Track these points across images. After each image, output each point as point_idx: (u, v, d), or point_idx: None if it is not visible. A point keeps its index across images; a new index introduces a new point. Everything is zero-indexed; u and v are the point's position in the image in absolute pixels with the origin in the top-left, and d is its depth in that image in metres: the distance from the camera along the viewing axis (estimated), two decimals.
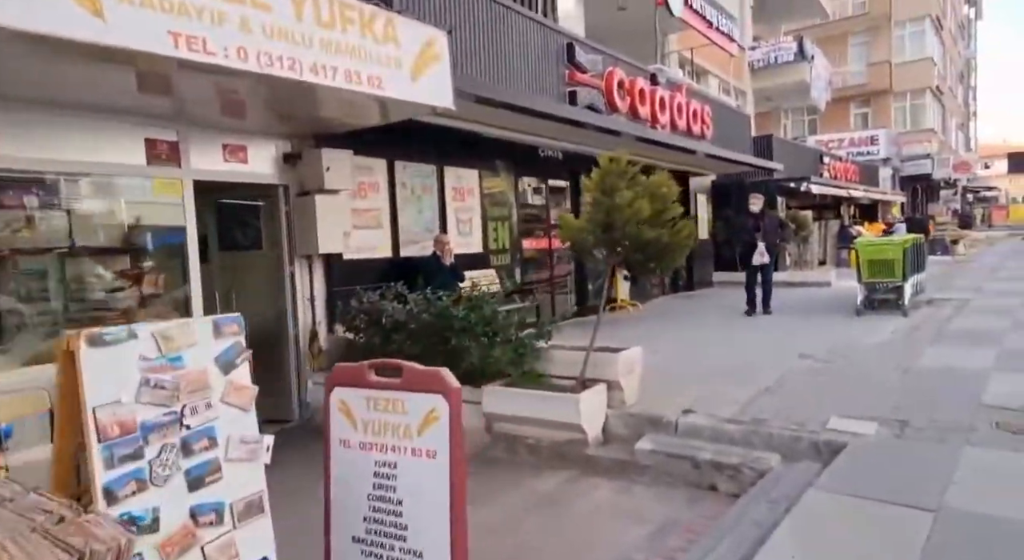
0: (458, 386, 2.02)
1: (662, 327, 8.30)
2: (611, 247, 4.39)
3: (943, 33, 31.86)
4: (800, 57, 19.15)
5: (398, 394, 1.99)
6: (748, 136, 14.57)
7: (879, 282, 8.82)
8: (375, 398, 2.02)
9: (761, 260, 8.43)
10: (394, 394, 1.99)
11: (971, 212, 36.60)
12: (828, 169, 20.25)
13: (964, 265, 14.90)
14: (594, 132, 8.13)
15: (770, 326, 7.94)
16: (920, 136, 28.99)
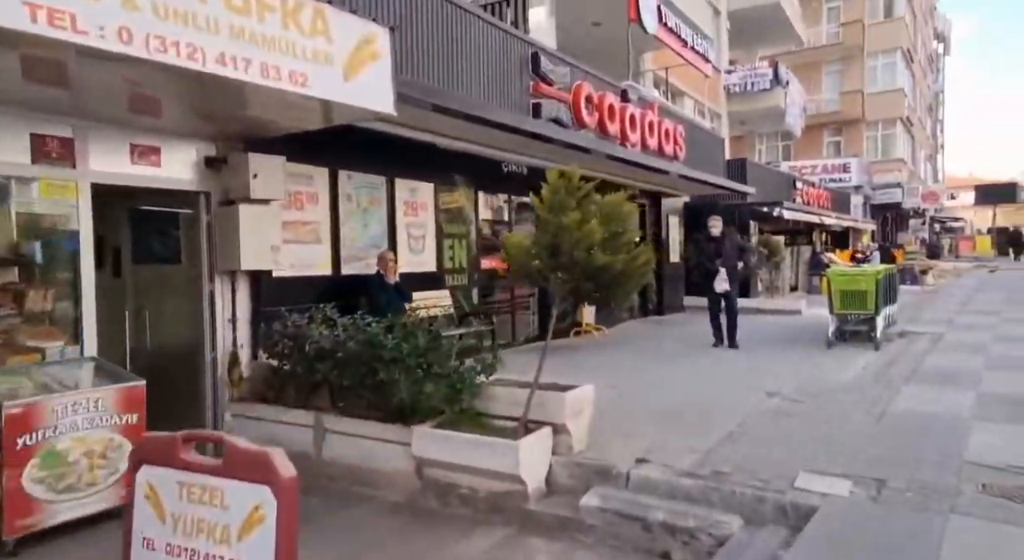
0: (292, 475, 1.50)
1: (624, 356, 7.85)
2: (558, 274, 3.90)
3: (913, 66, 32.51)
4: (775, 83, 19.15)
5: (217, 481, 1.46)
6: (721, 158, 14.36)
7: (851, 313, 8.52)
8: (188, 484, 1.49)
9: (722, 287, 8.01)
10: (212, 480, 1.47)
11: (939, 242, 37.19)
12: (801, 195, 20.22)
13: (933, 296, 14.79)
14: (562, 148, 7.71)
15: (737, 358, 7.53)
16: (890, 165, 29.37)
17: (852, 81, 28.93)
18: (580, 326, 9.95)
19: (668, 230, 13.50)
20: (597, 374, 6.60)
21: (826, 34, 29.08)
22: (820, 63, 29.43)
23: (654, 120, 10.14)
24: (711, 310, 8.25)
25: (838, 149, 29.65)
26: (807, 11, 28.42)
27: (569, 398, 4.00)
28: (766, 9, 19.76)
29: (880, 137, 29.62)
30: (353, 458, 4.32)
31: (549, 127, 7.10)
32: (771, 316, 12.38)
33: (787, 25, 21.28)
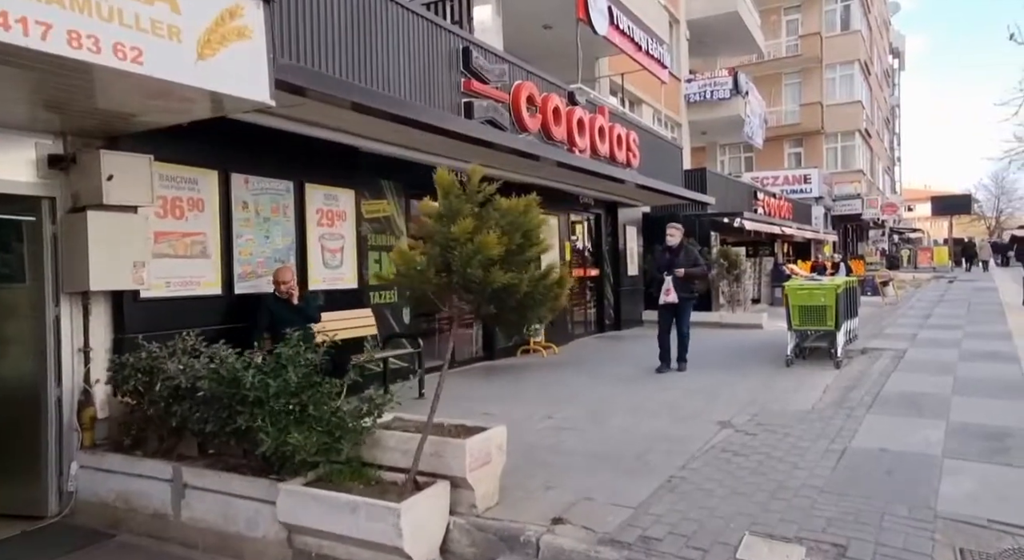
0: None
1: (569, 379, 7.19)
2: (453, 294, 3.22)
3: (870, 78, 32.95)
4: (735, 92, 18.91)
5: None
6: (679, 167, 13.92)
7: (810, 330, 8.02)
8: None
9: (666, 299, 7.38)
10: None
11: (898, 253, 37.65)
12: (763, 205, 19.98)
13: (894, 308, 14.52)
14: (505, 153, 7.08)
15: (691, 381, 6.93)
16: (850, 177, 29.56)
17: (811, 93, 29.10)
18: (528, 344, 9.27)
19: (625, 241, 12.96)
20: (535, 402, 5.94)
21: (785, 46, 29.25)
22: (780, 75, 29.57)
23: (605, 125, 9.59)
24: (659, 326, 7.63)
25: (799, 160, 29.76)
26: (766, 23, 28.55)
27: (472, 445, 3.29)
28: (725, 18, 19.58)
29: (840, 149, 29.83)
30: (217, 520, 3.54)
31: (480, 128, 6.43)
32: (731, 330, 11.90)
33: (746, 34, 21.16)
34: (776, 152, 29.78)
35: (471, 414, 5.56)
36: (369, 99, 5.20)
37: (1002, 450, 4.05)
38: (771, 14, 28.89)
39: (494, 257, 2.91)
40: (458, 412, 5.81)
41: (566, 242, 10.80)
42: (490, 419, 5.29)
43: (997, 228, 52.54)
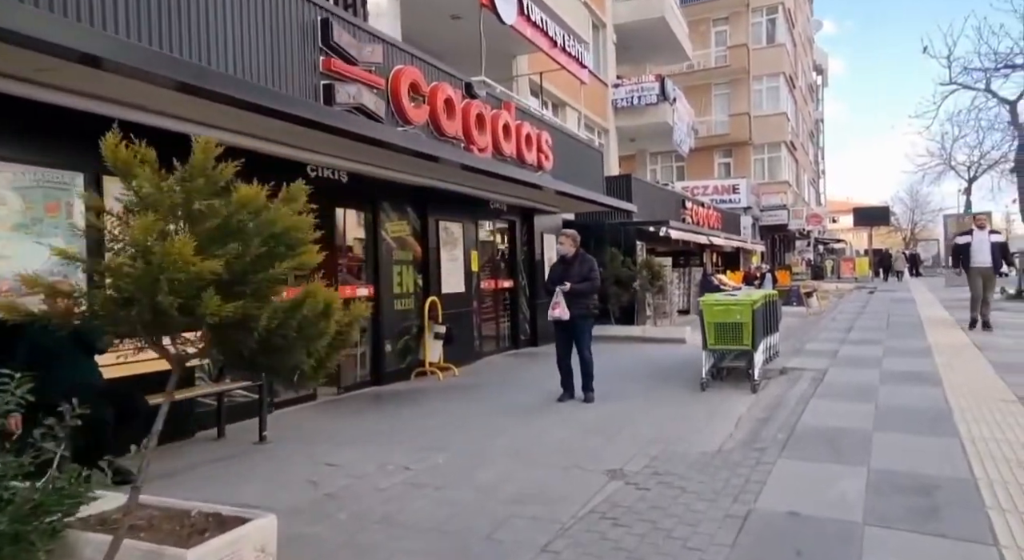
0: None
1: (455, 412, 6.19)
2: (166, 328, 2.16)
3: (795, 92, 33.68)
4: (662, 97, 18.53)
5: None
6: (600, 172, 13.23)
7: (726, 349, 7.33)
8: None
9: (553, 314, 6.51)
10: None
11: (822, 263, 38.63)
12: (691, 214, 19.65)
13: (818, 320, 14.25)
14: (400, 154, 6.07)
15: (592, 413, 6.07)
16: (777, 187, 29.96)
17: (740, 104, 29.38)
18: (423, 365, 8.24)
19: (543, 250, 12.12)
20: (402, 444, 4.88)
21: (715, 57, 29.45)
22: (710, 85, 29.75)
23: (511, 123, 8.71)
24: (557, 349, 6.75)
25: (728, 170, 29.98)
26: (696, 33, 28.67)
27: (200, 557, 2.22)
28: (652, 24, 19.23)
29: (767, 160, 30.23)
30: None
31: (339, 116, 5.36)
32: (652, 346, 11.22)
33: (675, 42, 20.92)
34: (706, 162, 29.92)
35: (314, 464, 4.51)
36: (171, 70, 4.09)
37: (931, 511, 3.30)
38: (700, 24, 29.05)
39: (199, 275, 1.87)
40: (300, 461, 4.74)
41: (472, 251, 9.84)
42: (331, 474, 4.27)
43: (912, 239, 55.08)
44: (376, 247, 7.75)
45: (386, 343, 7.86)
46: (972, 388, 5.97)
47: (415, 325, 8.38)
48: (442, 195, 8.56)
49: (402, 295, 8.22)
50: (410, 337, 8.32)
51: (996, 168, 26.74)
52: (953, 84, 16.05)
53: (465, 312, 9.39)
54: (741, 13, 29.20)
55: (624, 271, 12.71)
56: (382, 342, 7.77)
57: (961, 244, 10.63)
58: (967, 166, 27.48)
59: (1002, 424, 4.73)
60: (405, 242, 8.31)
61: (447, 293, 8.95)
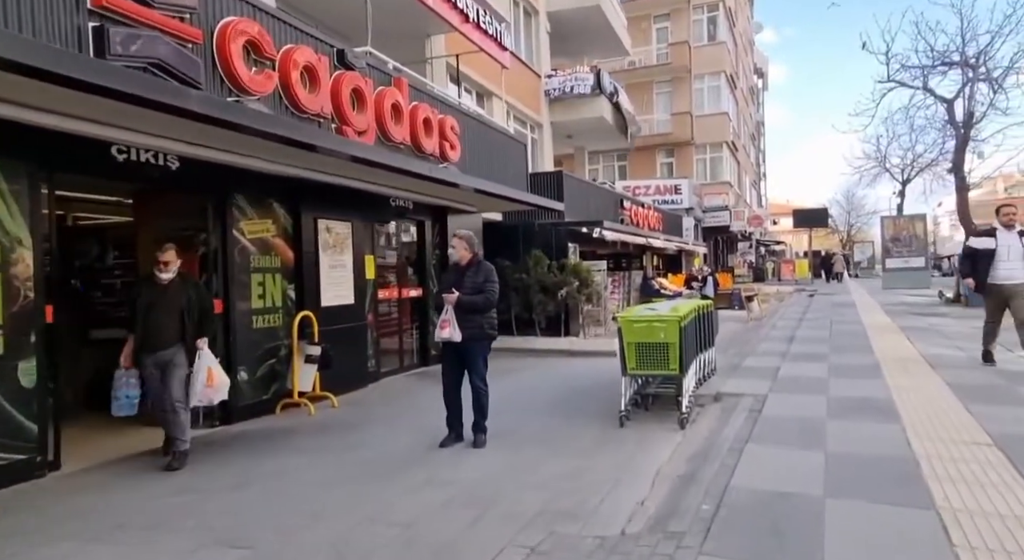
0: None
1: (287, 474, 4.75)
2: None
3: (736, 92, 33.42)
4: (597, 90, 17.46)
5: None
6: (524, 167, 11.97)
7: (650, 374, 6.15)
8: None
9: (441, 334, 5.22)
10: None
11: (764, 265, 38.63)
12: (629, 215, 18.66)
13: (759, 327, 13.40)
14: (245, 134, 4.60)
15: (473, 467, 4.76)
16: (718, 188, 29.51)
17: (681, 102, 28.79)
18: (292, 396, 6.76)
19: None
20: (186, 533, 3.23)
21: (656, 54, 28.77)
22: (651, 83, 29.07)
23: (402, 103, 7.32)
24: (443, 380, 5.42)
25: (671, 170, 29.35)
26: (637, 30, 27.93)
27: None
28: (587, 13, 18.15)
29: (708, 160, 29.76)
30: None
31: (105, 71, 3.81)
32: (579, 360, 10.04)
33: (612, 34, 19.92)
34: (648, 161, 29.24)
35: None
36: None
37: None
38: (641, 21, 28.33)
39: None
40: None
41: (368, 255, 8.41)
42: None
43: (848, 241, 56.25)
44: (226, 251, 6.24)
45: (240, 370, 6.35)
46: (935, 424, 4.93)
47: (284, 346, 6.90)
48: (323, 189, 7.11)
49: (266, 310, 6.72)
50: (277, 361, 6.83)
51: (928, 171, 26.91)
52: (891, 81, 15.54)
53: (355, 328, 7.95)
54: (682, 10, 28.63)
55: (550, 277, 11.50)
56: (234, 369, 6.25)
57: (980, 249, 7.12)
58: (901, 168, 27.58)
59: (983, 484, 3.65)
60: (270, 245, 6.82)
61: (330, 306, 7.50)
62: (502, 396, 7.29)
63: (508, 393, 7.57)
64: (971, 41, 14.52)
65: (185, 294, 4.93)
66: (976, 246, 7.30)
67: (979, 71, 14.60)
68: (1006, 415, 5.11)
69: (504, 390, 7.75)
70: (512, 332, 11.69)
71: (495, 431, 5.51)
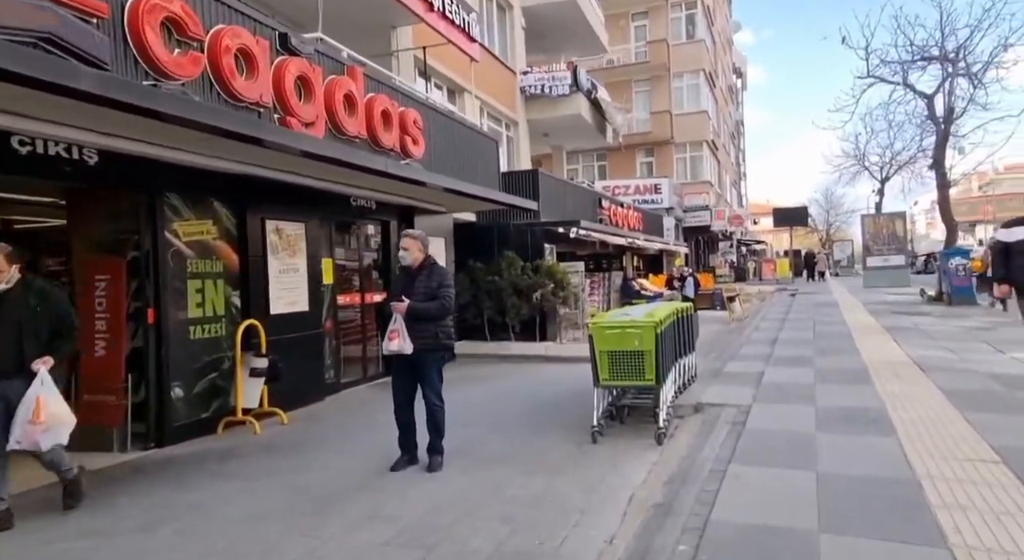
0: None
1: (211, 510, 4.18)
2: None
3: (716, 91, 33.24)
4: (575, 88, 17.01)
5: None
6: (495, 165, 11.46)
7: (624, 385, 5.67)
8: None
9: (389, 346, 4.70)
10: None
11: (745, 265, 38.50)
12: (608, 214, 18.23)
13: (741, 328, 13.02)
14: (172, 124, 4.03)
15: (425, 494, 4.23)
16: (699, 187, 29.26)
17: (661, 101, 28.49)
18: (235, 414, 6.17)
19: None
20: None
21: (635, 52, 28.45)
22: (630, 82, 28.74)
23: (356, 93, 6.78)
24: (394, 396, 4.89)
25: (651, 170, 29.05)
26: (615, 28, 27.60)
27: None
28: (564, 9, 17.71)
29: (688, 159, 29.50)
30: None
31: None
32: (554, 367, 9.55)
33: (589, 31, 19.51)
34: (628, 161, 28.91)
35: None
36: None
37: None
38: (619, 19, 28.01)
39: None
40: None
41: (325, 259, 7.84)
42: None
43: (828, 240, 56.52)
44: (158, 255, 5.64)
45: (174, 386, 5.75)
46: (934, 437, 4.49)
47: (228, 358, 6.31)
48: (271, 187, 6.54)
49: (206, 319, 6.13)
50: (219, 375, 6.24)
51: (907, 169, 26.91)
52: (871, 77, 15.29)
53: (310, 337, 7.38)
54: (660, 8, 28.34)
55: (524, 279, 10.99)
56: (167, 385, 5.66)
57: (1013, 243, 5.74)
58: (880, 167, 27.58)
59: (998, 513, 3.20)
60: (210, 248, 6.23)
61: (281, 314, 6.92)
62: (470, 407, 6.80)
63: (477, 403, 7.07)
64: (950, 36, 14.33)
65: (25, 306, 3.79)
66: (1007, 240, 5.75)
67: (958, 66, 14.39)
68: (1007, 425, 4.70)
69: (473, 400, 7.26)
70: (485, 337, 11.18)
71: (457, 447, 5.01)
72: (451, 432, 5.00)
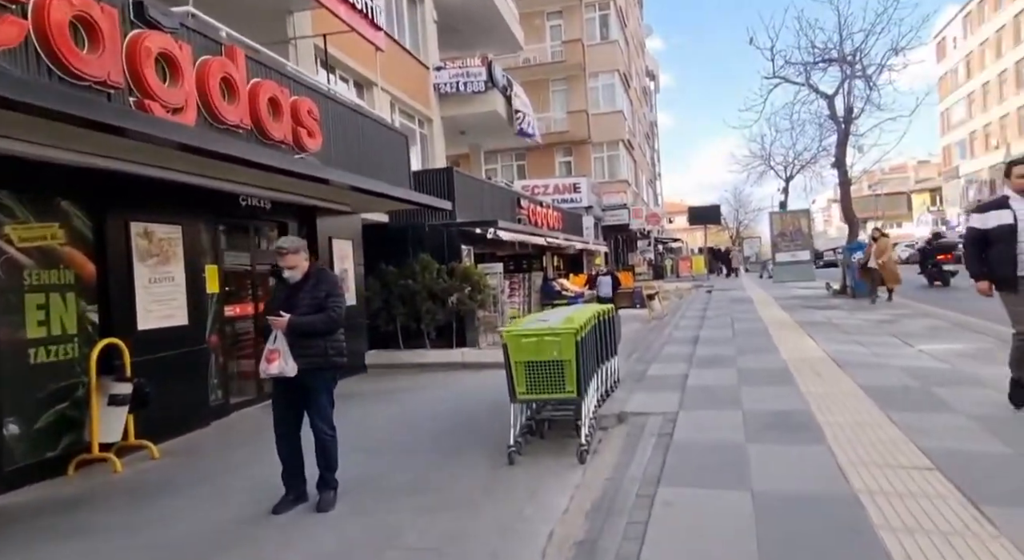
0: None
1: None
2: None
3: (630, 92, 33.77)
4: (491, 84, 16.54)
5: None
6: (405, 162, 10.78)
7: (543, 400, 5.19)
8: None
9: (267, 369, 4.02)
10: None
11: (663, 263, 39.43)
12: (527, 214, 17.88)
13: (661, 326, 12.95)
14: None
15: (310, 539, 3.57)
16: (616, 186, 29.56)
17: (577, 101, 28.56)
18: (91, 450, 5.22)
19: (332, 261, 9.44)
20: None
21: (551, 52, 28.37)
22: (547, 81, 28.65)
23: (235, 77, 5.96)
24: (275, 427, 4.20)
25: (570, 169, 29.06)
26: (531, 26, 27.41)
27: None
28: (475, 1, 17.19)
29: (606, 158, 29.75)
30: None
31: None
32: (471, 375, 8.99)
33: (504, 26, 19.11)
34: (547, 161, 28.81)
35: None
36: None
37: None
38: (534, 17, 27.85)
39: None
40: None
41: (210, 265, 6.94)
42: None
43: (738, 237, 59.06)
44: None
45: (7, 423, 4.76)
46: (864, 443, 4.27)
47: (82, 385, 5.35)
48: (136, 183, 5.63)
49: (51, 340, 5.16)
50: (69, 405, 5.27)
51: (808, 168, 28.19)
52: (777, 77, 15.70)
53: (190, 354, 6.47)
54: (575, 7, 28.41)
55: (440, 283, 10.38)
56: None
57: (992, 230, 4.67)
58: (784, 166, 28.77)
59: (946, 533, 2.92)
60: (56, 255, 5.25)
61: (153, 329, 6.00)
62: (375, 428, 6.13)
63: (383, 423, 6.41)
64: (847, 39, 14.88)
65: None
66: (983, 226, 4.71)
67: (856, 68, 14.97)
68: (932, 425, 4.56)
69: (379, 419, 6.58)
70: (399, 345, 10.48)
71: (355, 478, 4.38)
72: (351, 459, 4.37)
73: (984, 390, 5.44)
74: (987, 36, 45.39)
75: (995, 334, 8.62)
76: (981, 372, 6.14)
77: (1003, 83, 43.44)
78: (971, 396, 5.28)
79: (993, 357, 6.79)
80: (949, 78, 52.49)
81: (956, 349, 7.53)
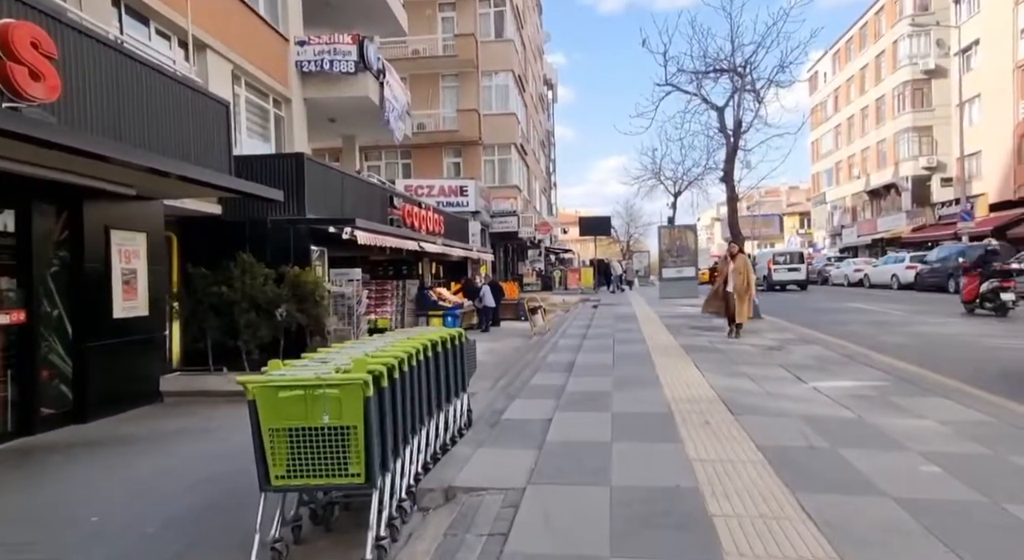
0: None
1: None
2: None
3: (525, 96, 32.80)
4: (362, 66, 14.60)
5: None
6: (225, 139, 8.66)
7: (310, 487, 3.47)
8: None
9: None
10: None
11: (552, 273, 38.73)
12: (403, 215, 16.03)
13: (539, 347, 11.59)
14: None
15: None
16: (507, 191, 28.34)
17: (469, 99, 27.10)
18: None
19: (110, 260, 7.19)
20: None
21: (442, 45, 26.73)
22: (438, 76, 26.98)
23: None
24: None
25: (459, 170, 27.50)
26: (421, 18, 25.69)
27: None
28: None
29: (497, 162, 28.47)
30: None
31: None
32: None
33: (383, 6, 17.22)
34: (435, 160, 27.09)
35: None
36: None
37: None
38: (425, 7, 26.16)
39: None
40: None
41: None
42: None
43: (628, 250, 60.11)
44: None
45: None
46: (776, 557, 2.91)
47: None
48: None
49: None
50: None
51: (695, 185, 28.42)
52: (668, 85, 14.96)
53: None
54: (468, 1, 26.98)
55: (265, 292, 8.37)
56: None
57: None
58: (673, 181, 28.85)
59: None
60: None
61: None
62: (98, 500, 4.02)
63: (112, 501, 4.34)
64: (739, 49, 14.40)
65: None
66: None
67: (746, 80, 14.51)
68: (858, 520, 3.31)
69: (112, 492, 4.43)
70: (208, 367, 8.34)
71: None
72: None
73: (903, 454, 4.36)
74: (852, 73, 48.99)
75: (884, 367, 7.93)
76: (887, 424, 5.13)
77: (865, 118, 46.93)
78: (891, 465, 4.15)
79: (889, 402, 5.90)
80: (819, 110, 56.33)
81: (850, 388, 6.62)
